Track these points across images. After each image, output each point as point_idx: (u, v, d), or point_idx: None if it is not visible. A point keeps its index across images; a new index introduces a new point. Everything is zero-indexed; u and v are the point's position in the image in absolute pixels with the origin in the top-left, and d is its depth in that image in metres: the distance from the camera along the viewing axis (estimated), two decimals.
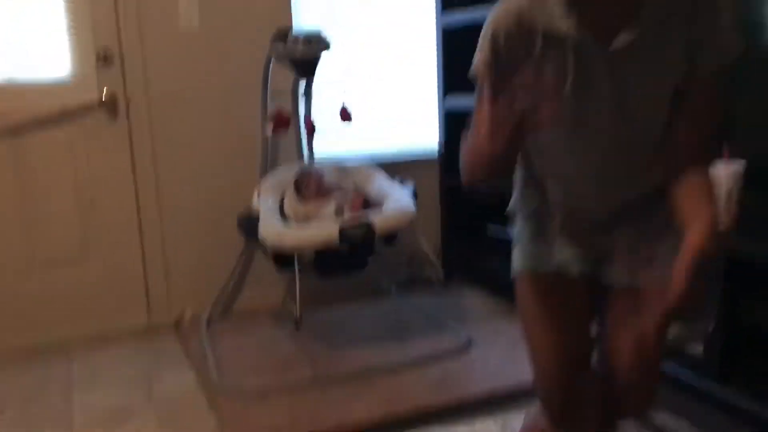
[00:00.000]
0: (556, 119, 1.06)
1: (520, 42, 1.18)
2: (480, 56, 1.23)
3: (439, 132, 3.31)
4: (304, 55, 2.65)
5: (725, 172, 1.97)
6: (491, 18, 1.23)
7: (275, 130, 2.76)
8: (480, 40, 1.24)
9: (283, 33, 2.69)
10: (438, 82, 3.26)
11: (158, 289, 3.02)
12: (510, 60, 1.18)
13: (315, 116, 2.92)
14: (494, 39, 1.21)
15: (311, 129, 2.84)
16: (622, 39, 1.14)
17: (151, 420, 2.15)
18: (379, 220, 2.42)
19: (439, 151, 3.34)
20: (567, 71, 1.18)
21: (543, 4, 1.17)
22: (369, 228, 2.36)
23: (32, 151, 2.79)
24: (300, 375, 2.42)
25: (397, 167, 3.12)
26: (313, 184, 2.71)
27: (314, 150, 2.92)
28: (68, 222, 2.88)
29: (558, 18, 1.16)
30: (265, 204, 2.59)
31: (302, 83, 2.85)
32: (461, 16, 3.04)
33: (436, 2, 3.18)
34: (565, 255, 1.39)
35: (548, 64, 1.17)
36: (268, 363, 2.54)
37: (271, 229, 2.44)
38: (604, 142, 1.25)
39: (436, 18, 3.19)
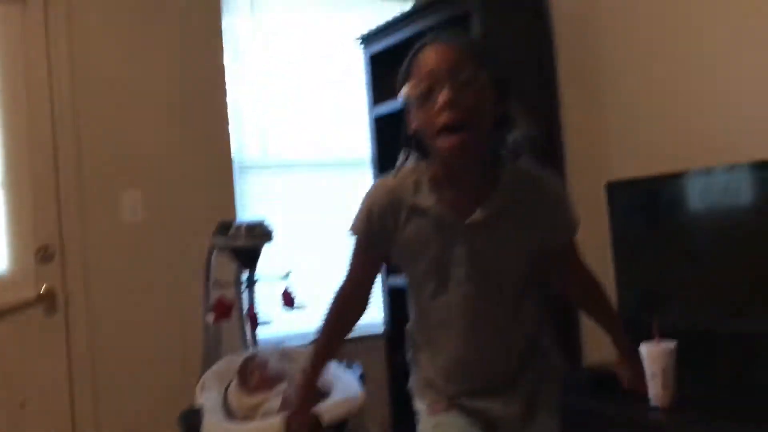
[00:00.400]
0: None
1: (390, 214, 1.44)
2: (356, 223, 1.49)
3: (384, 310, 3.35)
4: (246, 245, 2.70)
5: (657, 350, 2.03)
6: (368, 193, 1.50)
7: (217, 319, 2.74)
8: (358, 209, 1.50)
9: (226, 224, 2.75)
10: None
11: None
12: (381, 228, 1.45)
13: (258, 304, 2.92)
14: (369, 211, 1.47)
15: (254, 318, 2.82)
16: (475, 216, 1.37)
17: None
18: (326, 410, 2.36)
19: (385, 328, 3.35)
20: (429, 239, 1.41)
21: (412, 183, 1.43)
22: (316, 420, 2.30)
23: None
24: None
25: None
26: (257, 374, 2.64)
27: (258, 337, 2.89)
28: None
29: (423, 195, 1.41)
30: (208, 399, 2.51)
31: (244, 272, 2.87)
32: None
33: None
34: (458, 425, 1.48)
35: (412, 232, 1.42)
36: None
37: (214, 428, 2.34)
38: (466, 300, 1.44)
39: None
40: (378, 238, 1.46)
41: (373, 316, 3.41)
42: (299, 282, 3.00)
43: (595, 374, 2.27)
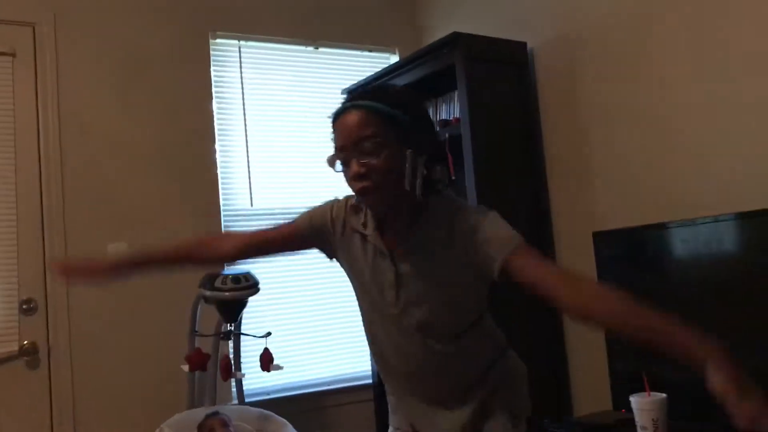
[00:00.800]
0: None
1: (331, 221, 1.59)
2: (299, 217, 1.66)
3: (371, 364, 3.31)
4: (230, 298, 2.67)
5: (649, 402, 2.01)
6: (318, 207, 1.65)
7: (191, 369, 2.71)
8: (306, 212, 1.65)
9: (212, 275, 2.73)
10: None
11: None
12: (321, 225, 1.61)
13: (235, 359, 2.89)
14: (313, 214, 1.64)
15: (228, 371, 2.77)
16: (398, 249, 1.50)
17: None
18: None
19: (373, 379, 3.31)
20: (366, 261, 1.54)
21: (361, 210, 1.56)
22: None
23: None
24: None
25: (329, 396, 3.07)
26: (220, 429, 2.59)
27: (234, 391, 2.86)
28: None
29: (365, 223, 1.54)
30: None
31: (226, 325, 2.85)
32: None
33: None
34: None
35: (354, 247, 1.56)
36: None
37: None
38: (397, 325, 1.53)
39: None
40: (316, 231, 1.61)
41: (360, 368, 3.38)
42: (278, 341, 2.98)
43: (585, 426, 2.25)
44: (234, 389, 3.04)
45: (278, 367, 2.78)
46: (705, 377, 1.16)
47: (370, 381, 3.33)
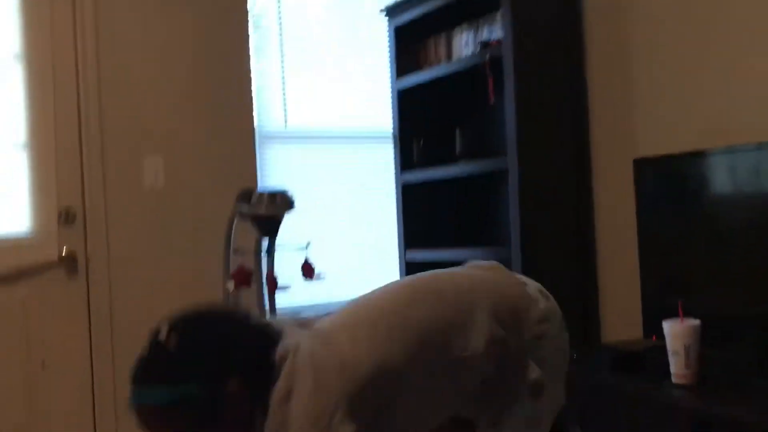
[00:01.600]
0: None
1: None
2: None
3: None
4: (268, 214, 2.69)
5: (681, 327, 2.01)
6: None
7: (237, 286, 2.75)
8: None
9: (248, 192, 2.75)
10: (399, 237, 3.34)
11: None
12: None
13: (278, 273, 2.93)
14: None
15: (274, 286, 2.83)
16: None
17: None
18: None
19: None
20: None
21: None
22: None
23: None
24: None
25: None
26: None
27: (277, 306, 2.89)
28: (14, 385, 2.74)
29: None
30: None
31: (265, 241, 2.88)
32: (418, 176, 3.19)
33: (396, 163, 3.31)
34: None
35: None
36: None
37: None
38: None
39: (396, 177, 3.32)
40: None
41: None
42: (319, 253, 3.01)
43: (615, 352, 2.26)
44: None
45: (319, 277, 2.82)
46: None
47: None
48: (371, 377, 1.13)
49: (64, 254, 2.82)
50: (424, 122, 3.29)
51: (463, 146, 3.07)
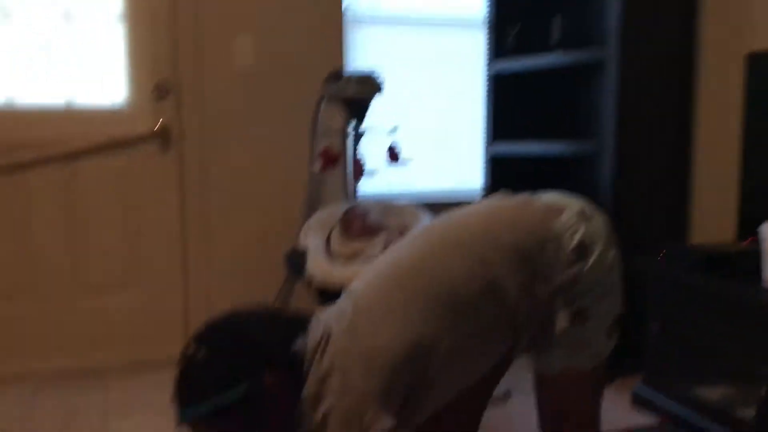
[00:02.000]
0: None
1: None
2: None
3: (483, 176, 3.32)
4: (356, 96, 2.68)
5: None
6: None
7: (323, 167, 2.78)
8: None
9: (337, 73, 2.73)
10: (485, 128, 3.28)
11: (198, 320, 3.01)
12: None
13: (364, 157, 2.94)
14: None
15: (359, 169, 2.86)
16: None
17: None
18: None
19: (483, 195, 3.33)
20: None
21: None
22: None
23: (84, 177, 2.85)
24: None
25: (442, 208, 3.11)
26: (358, 223, 2.70)
27: (361, 190, 2.93)
28: (114, 249, 2.92)
29: None
30: (312, 241, 2.60)
31: (352, 123, 2.88)
32: (510, 65, 3.08)
33: (487, 51, 3.21)
34: None
35: None
36: None
37: (319, 267, 2.44)
38: None
39: (486, 66, 3.22)
40: None
41: (473, 182, 3.41)
42: (405, 138, 3.00)
43: (706, 252, 2.20)
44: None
45: (404, 162, 2.83)
46: None
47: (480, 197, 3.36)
48: (398, 362, 1.12)
49: (158, 127, 2.90)
50: (519, 8, 3.15)
51: (561, 35, 2.94)
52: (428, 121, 3.35)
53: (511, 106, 3.26)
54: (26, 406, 2.53)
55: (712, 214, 2.64)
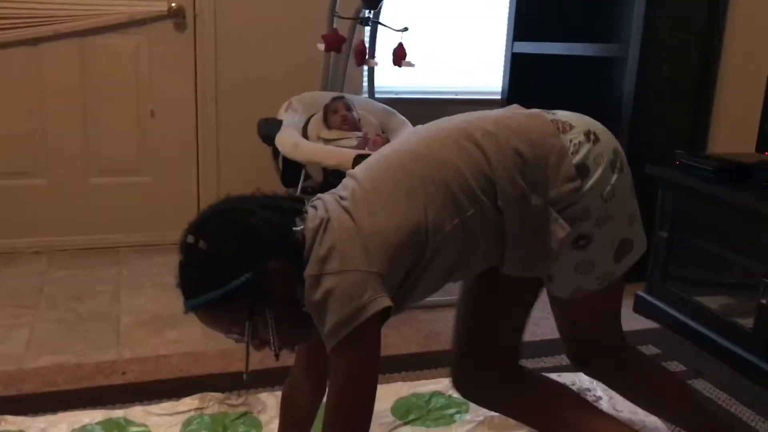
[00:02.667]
0: None
1: None
2: None
3: (504, 75, 3.25)
4: None
5: None
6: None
7: (327, 49, 2.73)
8: None
9: None
10: (508, 26, 3.19)
11: (209, 203, 3.05)
12: None
13: (375, 51, 2.89)
14: None
15: (361, 57, 2.78)
16: None
17: (197, 329, 2.20)
18: None
19: (503, 93, 3.27)
20: None
21: None
22: None
23: (99, 55, 2.83)
24: None
25: (453, 105, 3.07)
26: (340, 115, 2.67)
27: (370, 81, 2.90)
28: (127, 130, 2.92)
29: None
30: (290, 117, 2.58)
31: (366, 13, 2.80)
32: None
33: None
34: None
35: None
36: None
37: (289, 139, 2.43)
38: None
39: None
40: None
41: (493, 80, 3.34)
42: (421, 37, 2.93)
43: (721, 161, 2.16)
44: (365, 83, 3.08)
45: (410, 64, 2.76)
46: None
47: (499, 96, 3.29)
48: (396, 245, 1.13)
49: (173, 6, 2.83)
50: None
51: None
52: (449, 19, 3.25)
53: (535, 5, 3.15)
54: (41, 278, 2.61)
55: (734, 127, 2.58)
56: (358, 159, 2.21)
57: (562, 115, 1.30)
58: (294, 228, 1.16)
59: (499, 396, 1.34)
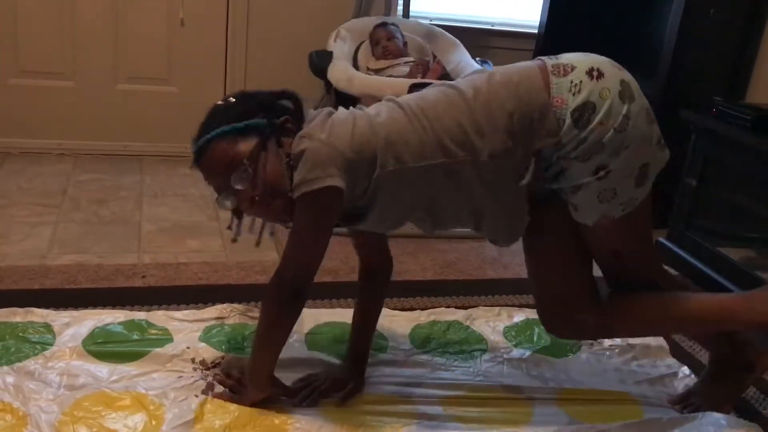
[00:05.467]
0: None
1: None
2: None
3: (543, 9, 3.14)
4: None
5: None
6: None
7: None
8: None
9: None
10: None
11: None
12: None
13: None
14: None
15: None
16: None
17: (216, 237, 2.22)
18: None
19: (540, 28, 3.17)
20: None
21: None
22: None
23: None
24: None
25: (491, 36, 3.01)
26: (381, 45, 2.61)
27: (405, 3, 2.83)
28: (156, 38, 2.88)
29: None
30: (340, 48, 2.54)
31: None
32: None
33: None
34: None
35: None
36: None
37: (342, 73, 2.39)
38: None
39: None
40: None
41: (532, 14, 3.25)
42: None
43: (759, 111, 2.11)
44: (400, 6, 3.01)
45: None
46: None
47: (536, 31, 3.20)
48: (373, 149, 1.29)
49: None
50: None
51: None
52: None
53: None
54: (65, 180, 2.64)
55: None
56: (414, 88, 2.19)
57: (566, 57, 1.34)
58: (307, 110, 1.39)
59: (596, 328, 1.48)
